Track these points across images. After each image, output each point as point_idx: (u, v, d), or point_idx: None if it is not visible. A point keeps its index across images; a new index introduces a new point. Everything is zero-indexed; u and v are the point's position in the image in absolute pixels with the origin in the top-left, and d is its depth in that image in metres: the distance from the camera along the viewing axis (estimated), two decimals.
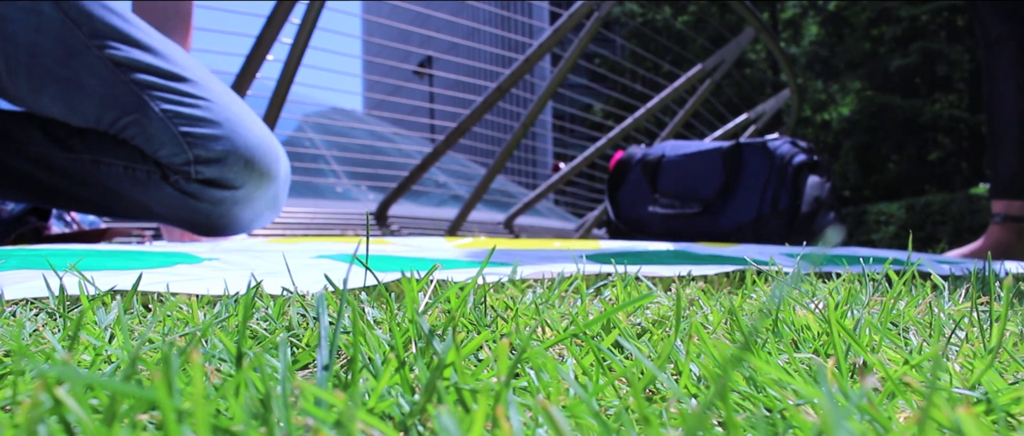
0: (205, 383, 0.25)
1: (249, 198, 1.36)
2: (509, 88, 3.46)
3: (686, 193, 2.34)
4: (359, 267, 0.85)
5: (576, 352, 0.29)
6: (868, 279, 0.66)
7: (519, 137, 3.85)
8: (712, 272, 0.78)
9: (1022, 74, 1.89)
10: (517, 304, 0.43)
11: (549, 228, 5.30)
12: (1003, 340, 0.36)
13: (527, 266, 0.82)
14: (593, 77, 6.96)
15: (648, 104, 4.22)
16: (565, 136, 7.32)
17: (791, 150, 2.27)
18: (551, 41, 3.40)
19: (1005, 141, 1.93)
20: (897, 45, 16.07)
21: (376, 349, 0.28)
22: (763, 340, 0.34)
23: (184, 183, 1.31)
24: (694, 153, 2.39)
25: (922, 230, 10.88)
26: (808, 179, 2.25)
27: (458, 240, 1.52)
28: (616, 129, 4.24)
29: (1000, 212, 1.94)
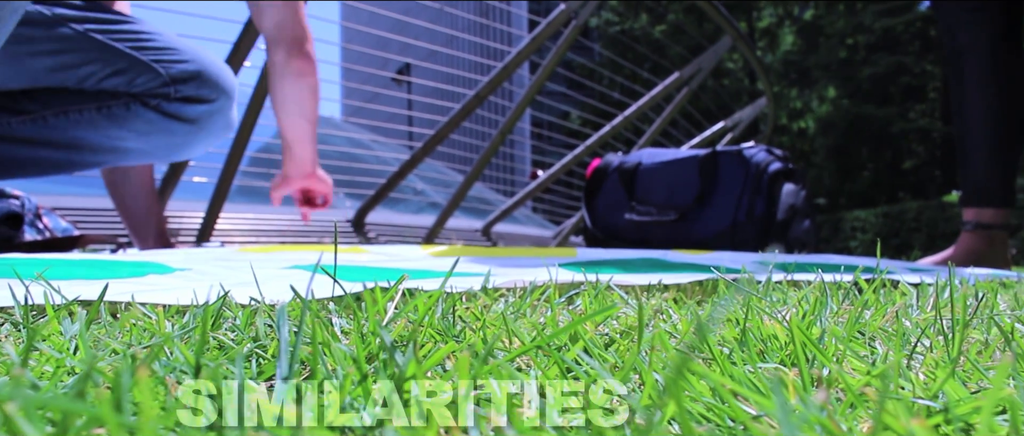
0: (155, 399, 0.25)
1: (221, 109, 1.47)
2: (487, 95, 3.46)
3: (662, 201, 2.35)
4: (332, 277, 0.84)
5: (541, 364, 0.29)
6: (838, 287, 0.66)
7: (497, 144, 3.85)
8: (683, 280, 0.78)
9: (988, 83, 1.91)
10: (485, 314, 0.43)
11: (527, 235, 5.30)
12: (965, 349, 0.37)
13: (501, 274, 0.82)
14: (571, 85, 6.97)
15: (626, 112, 4.24)
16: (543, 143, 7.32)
17: (767, 158, 2.28)
18: (529, 48, 3.41)
19: (973, 150, 1.95)
20: (871, 55, 16.23)
21: (340, 361, 0.28)
22: (729, 350, 0.34)
23: (165, 104, 1.40)
24: (670, 161, 2.40)
25: (897, 237, 10.97)
26: (783, 187, 2.26)
27: (433, 248, 1.51)
28: (594, 137, 4.25)
29: (971, 220, 1.96)
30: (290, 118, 1.65)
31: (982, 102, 1.92)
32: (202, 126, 1.46)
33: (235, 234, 3.41)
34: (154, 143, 1.45)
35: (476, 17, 5.70)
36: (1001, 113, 1.92)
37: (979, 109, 1.93)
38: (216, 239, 3.17)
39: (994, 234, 1.94)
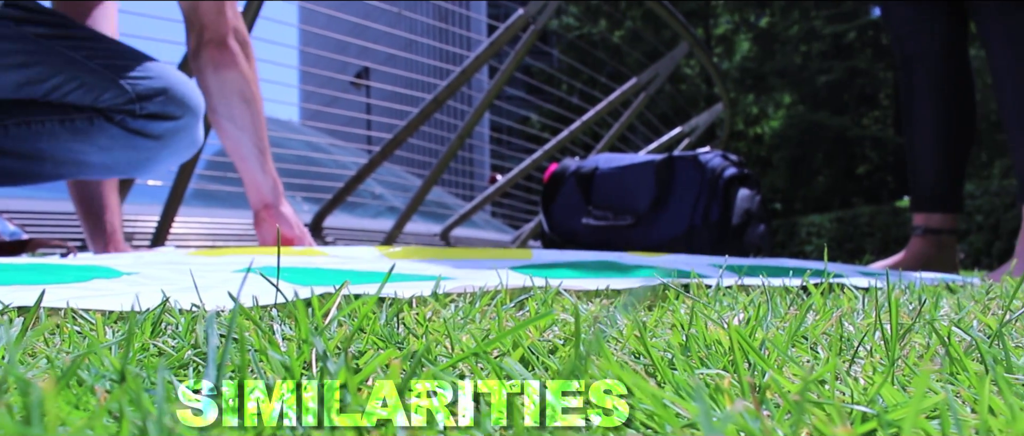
0: (82, 409, 0.24)
1: (186, 127, 1.44)
2: (446, 100, 3.45)
3: (619, 205, 2.36)
4: (286, 281, 0.83)
5: (479, 372, 0.28)
6: (786, 292, 0.67)
7: (455, 148, 3.84)
8: (632, 285, 0.79)
9: (936, 91, 1.95)
10: (427, 320, 0.43)
11: (486, 239, 5.30)
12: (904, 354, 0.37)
13: (455, 276, 0.82)
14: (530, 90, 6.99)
15: (584, 117, 4.25)
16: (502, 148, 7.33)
17: (722, 163, 2.30)
18: (487, 53, 3.41)
19: (922, 156, 1.98)
20: (825, 62, 16.48)
21: (275, 370, 0.27)
22: (670, 357, 0.34)
23: (130, 120, 1.38)
24: (627, 166, 2.42)
25: (851, 241, 11.14)
26: (738, 192, 2.28)
27: (389, 249, 1.51)
28: (552, 141, 4.26)
29: (920, 225, 2.00)
30: (220, 128, 1.58)
31: (931, 109, 1.96)
32: (166, 143, 1.44)
33: (191, 238, 3.37)
34: (117, 158, 1.43)
35: (435, 21, 5.69)
36: (949, 120, 1.96)
37: (928, 116, 1.97)
38: (171, 243, 3.13)
39: (943, 239, 1.98)
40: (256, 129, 1.59)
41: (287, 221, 1.64)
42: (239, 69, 1.55)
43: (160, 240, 3.08)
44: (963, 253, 7.74)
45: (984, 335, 0.50)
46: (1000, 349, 0.47)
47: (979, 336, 0.50)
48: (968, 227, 8.19)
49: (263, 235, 1.65)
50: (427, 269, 1.03)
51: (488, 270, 0.96)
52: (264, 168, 1.63)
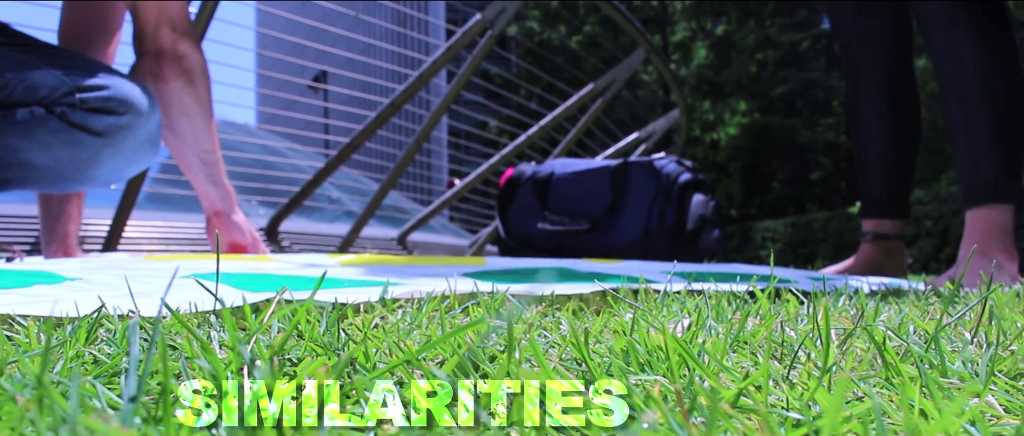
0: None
1: (132, 126, 1.39)
2: (403, 104, 3.44)
3: (575, 210, 2.37)
4: (232, 287, 0.82)
5: (415, 379, 0.28)
6: (734, 297, 0.68)
7: (412, 153, 3.83)
8: (581, 290, 0.79)
9: (883, 99, 1.99)
10: (372, 327, 0.42)
11: (443, 244, 5.28)
12: (840, 360, 0.37)
13: (406, 283, 0.81)
14: (489, 95, 7.00)
15: (541, 122, 4.26)
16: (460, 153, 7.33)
17: (677, 169, 2.33)
18: (445, 58, 3.40)
19: (870, 163, 2.02)
20: (780, 70, 16.72)
21: (205, 377, 0.27)
22: (608, 364, 0.34)
23: (70, 113, 1.33)
24: (583, 171, 2.43)
25: (805, 247, 11.29)
26: (693, 197, 2.31)
27: (342, 256, 1.49)
28: (509, 146, 4.27)
29: (870, 230, 2.03)
30: (164, 137, 1.56)
31: (877, 117, 2.00)
32: (111, 141, 1.40)
33: (145, 242, 3.31)
34: (59, 157, 1.39)
35: (393, 26, 5.67)
36: (896, 128, 2.00)
37: (875, 124, 2.01)
38: (124, 248, 3.08)
39: (891, 244, 2.01)
40: (200, 141, 1.56)
41: (239, 228, 1.62)
42: (179, 81, 1.53)
43: (112, 245, 3.02)
44: (911, 258, 7.88)
45: (921, 340, 0.51)
46: (936, 354, 0.48)
47: (916, 340, 0.51)
48: (917, 233, 8.35)
49: (214, 242, 1.64)
50: (376, 277, 1.02)
51: (438, 277, 0.96)
52: (211, 178, 1.61)
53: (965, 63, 1.71)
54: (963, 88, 1.72)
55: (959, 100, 1.73)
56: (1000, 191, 1.70)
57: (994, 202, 1.69)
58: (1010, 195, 1.70)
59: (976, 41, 1.70)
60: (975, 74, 1.70)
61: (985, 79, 1.70)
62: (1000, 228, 1.69)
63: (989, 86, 1.70)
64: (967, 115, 1.73)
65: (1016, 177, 1.72)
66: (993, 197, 1.70)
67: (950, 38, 1.74)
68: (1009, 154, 1.71)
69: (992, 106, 1.70)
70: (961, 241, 1.76)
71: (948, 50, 1.74)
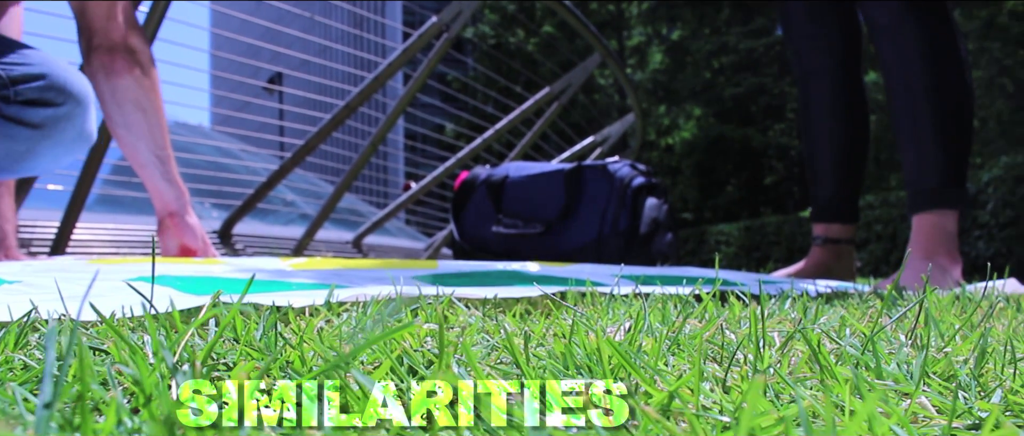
0: None
1: (70, 117, 1.36)
2: (358, 106, 3.42)
3: (529, 213, 2.37)
4: (178, 291, 0.81)
5: (342, 382, 0.28)
6: (680, 300, 0.68)
7: (367, 156, 3.81)
8: (524, 294, 0.79)
9: (833, 105, 2.02)
10: (317, 331, 0.42)
11: (399, 247, 5.26)
12: (775, 363, 0.38)
13: (356, 287, 0.81)
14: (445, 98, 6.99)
15: (497, 125, 4.27)
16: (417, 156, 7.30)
17: (630, 173, 2.34)
18: (400, 60, 3.39)
19: (820, 169, 2.05)
20: (734, 75, 16.92)
21: (127, 383, 0.26)
22: (543, 366, 0.34)
23: (4, 107, 1.29)
24: (537, 174, 2.43)
25: (758, 250, 11.42)
26: (646, 201, 2.32)
27: (294, 260, 1.48)
28: (465, 149, 4.27)
29: (820, 234, 2.06)
30: (117, 136, 1.52)
31: (827, 123, 2.03)
32: (49, 133, 1.35)
33: (95, 245, 3.25)
34: None
35: (350, 28, 5.63)
36: (845, 134, 2.03)
37: (825, 130, 2.04)
38: (73, 251, 3.02)
39: (841, 248, 2.05)
40: (154, 136, 1.53)
41: (191, 231, 1.60)
42: (132, 75, 1.49)
43: (60, 248, 2.96)
44: (860, 262, 8.01)
45: (858, 342, 0.51)
46: (872, 356, 0.49)
47: (853, 343, 0.52)
48: (867, 237, 8.49)
49: (165, 244, 1.61)
50: (328, 279, 1.02)
51: (388, 281, 0.96)
52: (166, 176, 1.58)
53: (912, 71, 1.75)
54: (910, 95, 1.76)
55: (906, 107, 1.77)
56: (945, 197, 1.73)
57: (939, 207, 1.73)
58: (954, 201, 1.74)
59: (924, 49, 1.74)
60: (922, 81, 1.74)
61: (931, 87, 1.74)
62: (945, 232, 1.73)
63: (935, 94, 1.74)
64: (914, 122, 1.76)
65: (961, 183, 1.76)
66: (938, 203, 1.73)
67: (898, 46, 1.77)
68: (954, 160, 1.75)
69: (938, 113, 1.73)
70: (908, 245, 1.79)
71: (896, 57, 1.77)
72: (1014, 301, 1.10)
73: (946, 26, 1.76)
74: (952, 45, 1.75)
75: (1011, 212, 6.89)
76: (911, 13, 1.75)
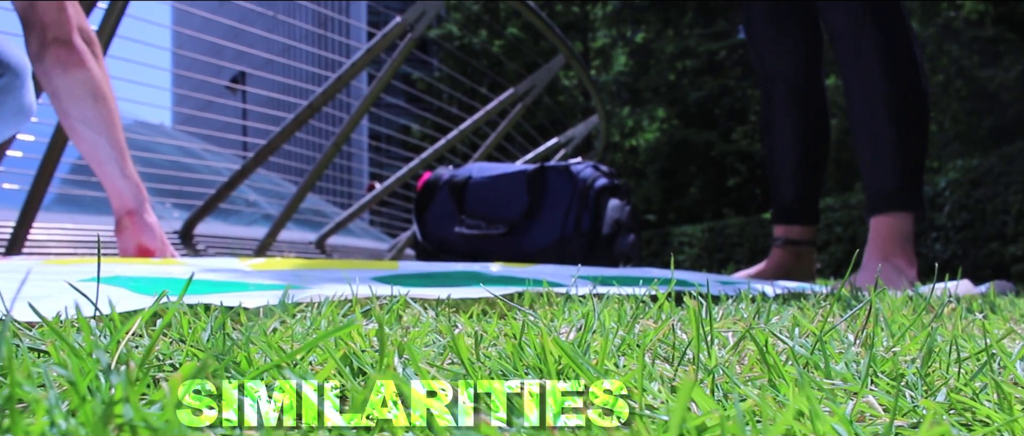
0: None
1: (8, 88, 1.31)
2: (321, 106, 3.40)
3: (492, 214, 2.37)
4: (133, 291, 0.80)
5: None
6: (635, 300, 0.68)
7: (331, 156, 3.79)
8: (476, 294, 0.79)
9: (794, 108, 2.05)
10: (249, 331, 0.42)
11: (363, 248, 5.24)
12: (722, 362, 0.38)
13: (314, 287, 0.80)
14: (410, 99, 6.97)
15: (461, 126, 4.27)
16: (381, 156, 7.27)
17: (593, 174, 2.35)
18: (363, 60, 3.38)
19: (781, 171, 2.08)
20: (697, 78, 17.06)
21: (58, 385, 0.26)
22: (493, 367, 0.34)
23: None
24: (500, 175, 2.43)
25: (721, 251, 11.53)
26: (609, 202, 2.33)
27: (253, 260, 1.47)
28: (429, 150, 4.26)
29: (780, 236, 2.09)
30: (74, 131, 1.49)
31: (787, 126, 2.06)
32: None
33: (53, 245, 3.20)
34: None
35: (314, 28, 5.59)
36: (806, 137, 2.06)
37: (786, 132, 2.07)
38: (29, 251, 2.97)
39: (801, 249, 2.07)
40: (111, 130, 1.50)
41: (150, 230, 1.57)
42: (88, 68, 1.46)
43: (16, 249, 2.91)
44: (821, 263, 8.11)
45: (809, 342, 0.52)
46: (821, 356, 0.49)
47: (804, 343, 0.52)
48: (828, 238, 8.59)
49: (123, 244, 1.58)
50: (287, 280, 1.01)
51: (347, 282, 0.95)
52: (124, 172, 1.55)
53: (871, 74, 1.78)
54: (869, 99, 1.78)
55: (864, 110, 1.80)
56: (901, 200, 1.76)
57: (896, 210, 1.76)
58: (911, 204, 1.77)
59: (882, 53, 1.77)
60: (880, 85, 1.77)
61: (889, 91, 1.76)
62: (901, 234, 1.76)
63: (893, 97, 1.76)
64: (872, 125, 1.79)
65: (917, 186, 1.79)
66: (894, 205, 1.76)
67: (857, 49, 1.80)
68: (910, 163, 1.78)
69: (895, 117, 1.76)
70: (865, 247, 1.82)
71: (855, 61, 1.80)
72: (965, 302, 1.12)
73: (903, 31, 1.79)
74: (909, 50, 1.79)
75: (967, 215, 7.02)
76: (870, 17, 1.78)
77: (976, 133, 12.29)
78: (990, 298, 1.26)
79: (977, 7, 12.52)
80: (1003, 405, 0.43)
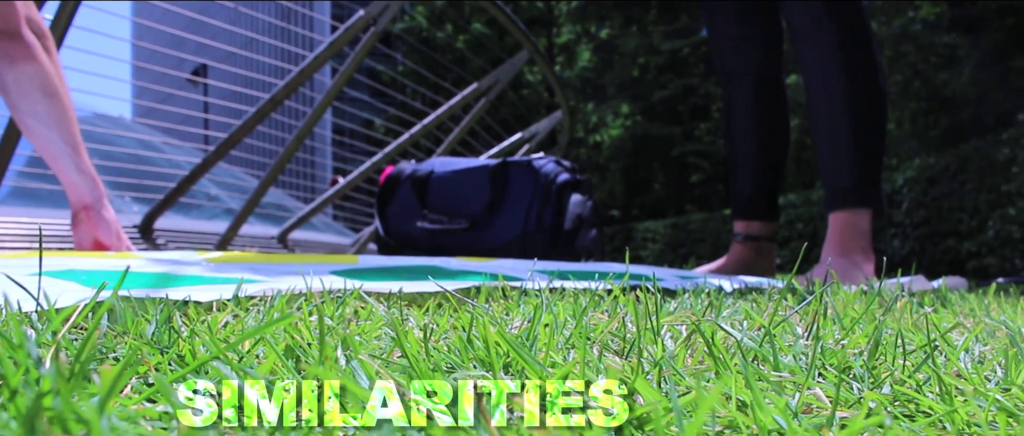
0: None
1: None
2: (283, 99, 3.37)
3: (454, 209, 2.37)
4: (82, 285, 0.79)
5: (220, 374, 0.28)
6: (592, 294, 0.69)
7: (293, 150, 3.77)
8: (425, 289, 0.79)
9: (755, 106, 2.06)
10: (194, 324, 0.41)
11: (326, 243, 5.21)
12: (669, 354, 0.38)
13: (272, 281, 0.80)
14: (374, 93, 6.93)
15: (425, 120, 4.26)
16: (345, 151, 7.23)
17: (555, 169, 2.35)
18: (326, 54, 3.36)
19: (742, 167, 2.09)
20: (661, 75, 17.15)
21: None
22: (441, 360, 0.34)
23: None
24: (462, 170, 2.43)
25: (684, 247, 11.61)
26: (571, 197, 2.34)
27: (210, 254, 1.45)
28: (392, 144, 4.25)
29: (741, 231, 2.11)
30: (25, 126, 1.47)
31: (749, 123, 2.08)
32: None
33: (8, 239, 3.14)
34: None
35: (277, 20, 5.55)
36: (765, 134, 2.08)
37: (747, 129, 2.09)
38: None
39: (761, 245, 2.09)
40: (64, 124, 1.47)
41: (106, 225, 1.54)
42: (37, 62, 1.43)
43: None
44: (781, 259, 8.19)
45: (758, 335, 0.53)
46: (770, 348, 0.50)
47: (753, 336, 0.53)
48: (789, 234, 8.68)
49: (79, 238, 1.55)
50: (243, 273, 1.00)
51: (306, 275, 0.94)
52: (79, 166, 1.52)
53: (831, 73, 1.80)
54: (828, 97, 1.81)
55: (824, 108, 1.82)
56: (859, 196, 1.79)
57: (853, 206, 1.78)
58: (869, 200, 1.79)
59: (842, 53, 1.79)
60: (840, 83, 1.79)
61: (848, 89, 1.79)
62: (859, 230, 1.78)
63: (852, 96, 1.79)
64: (831, 123, 1.81)
65: (875, 183, 1.81)
66: (852, 202, 1.78)
67: (818, 48, 1.82)
68: (868, 161, 1.80)
69: (854, 115, 1.79)
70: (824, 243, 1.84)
71: (816, 60, 1.82)
72: (918, 297, 1.14)
73: (863, 31, 1.81)
74: (868, 49, 1.81)
75: (924, 212, 7.13)
76: (830, 16, 1.80)
77: (933, 133, 12.49)
78: (942, 293, 1.29)
79: (934, 9, 12.73)
80: (944, 396, 0.44)
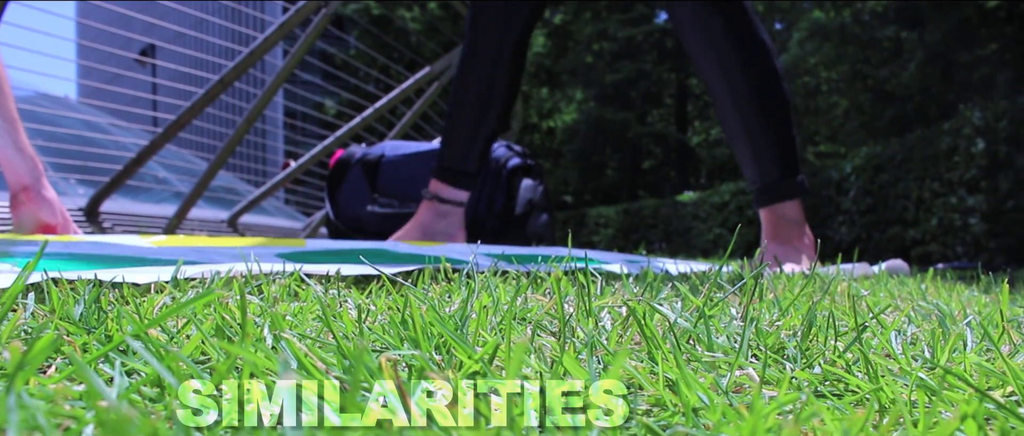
0: None
1: None
2: (233, 81, 3.33)
3: (404, 193, 2.36)
4: (13, 265, 0.78)
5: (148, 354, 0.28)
6: (534, 277, 0.69)
7: (242, 132, 3.72)
8: (363, 271, 0.79)
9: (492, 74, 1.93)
10: (124, 305, 0.41)
11: (276, 227, 5.16)
12: (601, 333, 0.39)
13: (197, 263, 0.79)
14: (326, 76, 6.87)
15: (377, 104, 4.23)
16: (297, 134, 7.16)
17: (506, 154, 2.36)
18: (276, 35, 3.32)
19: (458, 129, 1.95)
20: (615, 61, 17.21)
21: None
22: (374, 339, 0.35)
23: None
24: (413, 153, 2.42)
25: (636, 232, 11.71)
26: (522, 182, 2.34)
27: (155, 237, 1.43)
28: (344, 128, 4.22)
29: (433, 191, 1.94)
30: None
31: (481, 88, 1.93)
32: None
33: None
34: None
35: (227, 0, 5.46)
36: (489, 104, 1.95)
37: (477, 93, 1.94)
38: None
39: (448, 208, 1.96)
40: (3, 101, 1.43)
41: (49, 206, 1.50)
42: None
43: None
44: None
45: (693, 317, 0.54)
46: (704, 329, 0.51)
47: (688, 317, 0.54)
48: (739, 220, 8.80)
49: (20, 220, 1.52)
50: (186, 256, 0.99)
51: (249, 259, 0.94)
52: (17, 144, 1.48)
53: (727, 61, 1.78)
54: (734, 95, 1.79)
55: (731, 108, 1.80)
56: (786, 190, 1.80)
57: (781, 200, 1.80)
58: (795, 191, 1.80)
59: (731, 39, 1.77)
60: (738, 73, 1.78)
61: (746, 77, 1.78)
62: (793, 220, 1.80)
63: (752, 86, 1.78)
64: (743, 122, 1.80)
65: (796, 171, 1.82)
66: (779, 196, 1.80)
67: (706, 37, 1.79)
68: (785, 151, 1.81)
69: (762, 108, 1.78)
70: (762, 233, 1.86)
71: (708, 50, 1.80)
72: (859, 281, 1.17)
73: (743, 12, 1.80)
74: (755, 30, 1.80)
75: (871, 200, 7.27)
76: (712, 5, 1.78)
77: (879, 122, 12.72)
78: (881, 278, 1.32)
79: (878, 6, 12.94)
80: (871, 375, 0.45)
